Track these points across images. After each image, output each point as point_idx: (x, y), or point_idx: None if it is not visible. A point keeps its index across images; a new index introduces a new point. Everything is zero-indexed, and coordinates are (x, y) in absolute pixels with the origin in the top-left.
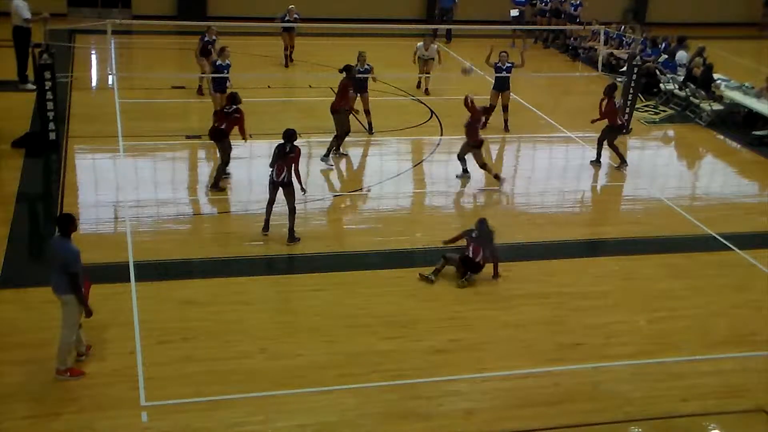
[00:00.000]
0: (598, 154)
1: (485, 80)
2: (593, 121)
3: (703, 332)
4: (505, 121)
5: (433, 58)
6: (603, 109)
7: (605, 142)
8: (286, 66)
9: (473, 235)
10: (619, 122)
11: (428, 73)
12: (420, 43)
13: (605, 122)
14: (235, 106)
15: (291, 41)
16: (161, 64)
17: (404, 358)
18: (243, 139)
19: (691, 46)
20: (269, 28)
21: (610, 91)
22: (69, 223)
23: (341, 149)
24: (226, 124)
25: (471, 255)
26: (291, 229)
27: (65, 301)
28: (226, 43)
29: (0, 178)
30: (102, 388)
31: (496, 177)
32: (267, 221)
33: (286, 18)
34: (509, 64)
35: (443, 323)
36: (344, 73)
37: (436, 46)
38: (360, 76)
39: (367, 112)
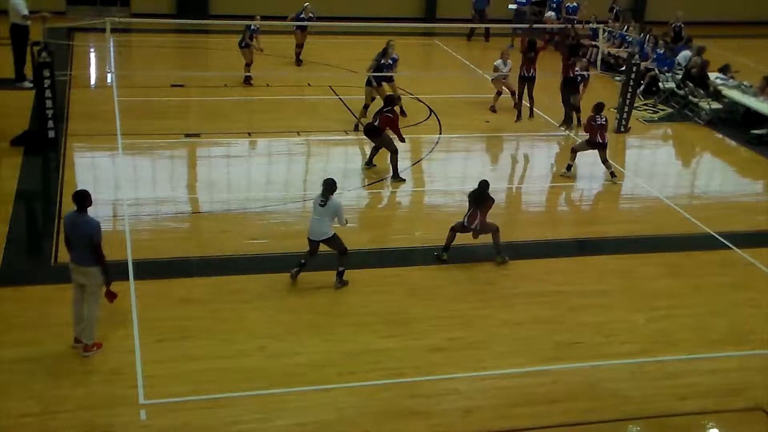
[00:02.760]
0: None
1: (484, 79)
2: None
3: (701, 331)
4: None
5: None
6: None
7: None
8: (298, 65)
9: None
10: (599, 140)
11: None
12: (498, 61)
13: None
14: (389, 107)
15: (303, 39)
16: (160, 63)
17: (403, 356)
18: (400, 140)
19: (694, 46)
20: (270, 26)
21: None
22: (86, 198)
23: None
24: (378, 122)
25: (466, 223)
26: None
27: (90, 273)
28: (227, 43)
29: None
30: (100, 386)
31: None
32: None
33: (302, 16)
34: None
35: (442, 321)
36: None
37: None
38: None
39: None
